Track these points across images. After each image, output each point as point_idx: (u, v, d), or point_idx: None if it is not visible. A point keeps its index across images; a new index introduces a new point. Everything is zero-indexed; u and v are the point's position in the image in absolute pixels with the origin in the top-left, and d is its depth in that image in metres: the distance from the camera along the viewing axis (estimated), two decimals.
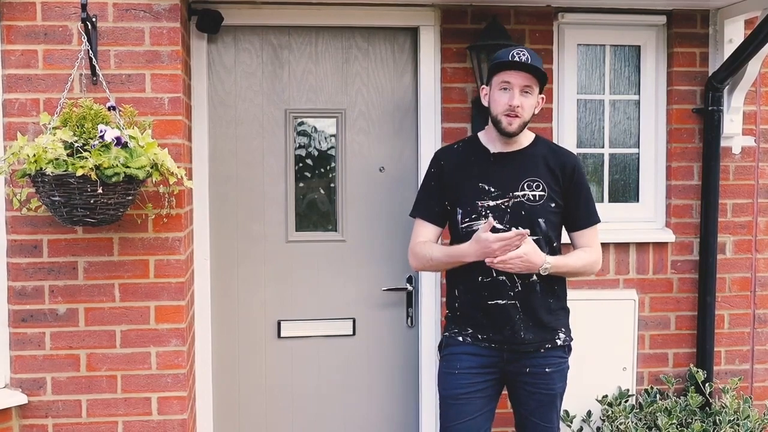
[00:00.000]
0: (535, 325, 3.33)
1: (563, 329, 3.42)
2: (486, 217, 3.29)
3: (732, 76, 4.14)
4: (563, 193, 3.36)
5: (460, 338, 3.42)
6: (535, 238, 3.27)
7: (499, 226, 3.26)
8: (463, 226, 3.37)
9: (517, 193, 3.31)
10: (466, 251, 3.28)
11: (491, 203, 3.31)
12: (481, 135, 3.49)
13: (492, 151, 3.40)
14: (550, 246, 3.35)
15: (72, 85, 3.46)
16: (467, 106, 4.14)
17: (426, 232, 3.49)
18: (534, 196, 3.31)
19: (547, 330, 3.36)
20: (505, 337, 3.33)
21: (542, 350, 3.36)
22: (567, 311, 3.49)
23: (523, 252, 3.16)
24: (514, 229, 3.18)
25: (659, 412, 4.06)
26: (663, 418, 3.97)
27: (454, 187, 3.41)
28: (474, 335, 3.38)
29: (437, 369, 3.62)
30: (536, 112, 3.37)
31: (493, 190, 3.32)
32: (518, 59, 3.21)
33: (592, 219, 3.45)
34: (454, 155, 3.50)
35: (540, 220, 3.31)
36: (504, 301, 3.31)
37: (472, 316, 3.38)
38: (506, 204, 3.30)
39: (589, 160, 4.38)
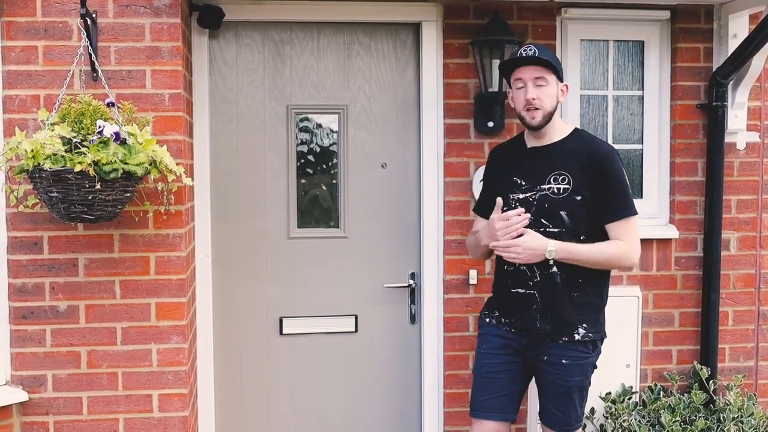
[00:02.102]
0: (553, 316, 3.33)
1: (585, 325, 3.35)
2: (515, 209, 3.36)
3: (736, 71, 4.12)
4: (591, 185, 3.30)
5: (487, 320, 3.57)
6: (556, 230, 3.29)
7: None
8: None
9: (543, 186, 3.33)
10: (481, 234, 3.48)
11: (521, 196, 3.38)
12: (525, 132, 3.53)
13: (528, 146, 3.46)
14: (577, 240, 3.31)
15: (72, 81, 3.45)
16: (470, 101, 4.12)
17: (479, 226, 3.63)
18: (558, 189, 3.31)
19: (566, 323, 3.34)
20: (523, 325, 3.41)
21: (560, 341, 3.35)
22: (596, 307, 3.41)
23: (521, 240, 3.25)
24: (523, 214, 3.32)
25: (663, 409, 4.05)
26: (666, 415, 3.96)
27: (497, 182, 3.53)
28: (498, 318, 3.51)
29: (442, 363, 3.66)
30: (562, 101, 3.38)
31: (524, 183, 3.39)
32: (525, 54, 3.28)
33: (621, 212, 3.33)
34: (501, 152, 3.64)
35: (562, 213, 3.30)
36: (523, 290, 3.38)
37: (499, 301, 3.53)
38: (533, 197, 3.34)
39: None
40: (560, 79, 3.36)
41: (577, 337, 3.35)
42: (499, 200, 3.37)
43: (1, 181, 3.46)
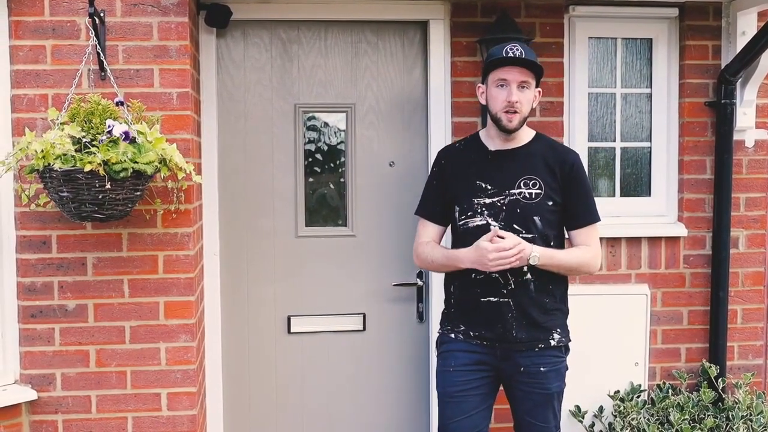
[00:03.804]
0: (528, 324, 3.30)
1: (558, 330, 3.37)
2: (482, 214, 3.30)
3: (745, 68, 4.10)
4: (561, 191, 3.32)
5: (452, 335, 3.44)
6: (529, 236, 3.26)
7: (493, 223, 3.26)
8: (460, 223, 3.38)
9: (513, 191, 3.29)
10: (463, 257, 3.30)
11: (487, 200, 3.30)
12: (482, 133, 3.50)
13: (491, 149, 3.40)
14: (547, 245, 3.31)
15: (80, 80, 3.45)
16: (477, 100, 4.10)
17: (428, 231, 3.54)
18: (530, 194, 3.28)
19: (541, 329, 3.32)
20: (497, 335, 3.32)
21: (536, 349, 3.32)
22: (564, 312, 3.44)
23: (514, 243, 3.16)
24: (511, 235, 3.20)
25: (671, 407, 4.04)
26: (675, 413, 3.95)
27: (454, 185, 3.42)
28: (466, 332, 3.39)
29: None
30: (534, 106, 3.36)
31: (489, 187, 3.32)
32: (512, 55, 3.21)
33: (590, 217, 3.38)
34: (456, 154, 3.52)
35: (535, 218, 3.28)
36: (497, 299, 3.30)
37: (465, 313, 3.39)
38: (502, 201, 3.29)
39: (600, 154, 4.35)
40: (538, 84, 3.33)
41: (552, 342, 3.34)
42: (495, 230, 3.21)
43: (10, 181, 3.47)
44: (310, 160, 4.24)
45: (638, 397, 4.16)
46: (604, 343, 4.11)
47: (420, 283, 4.25)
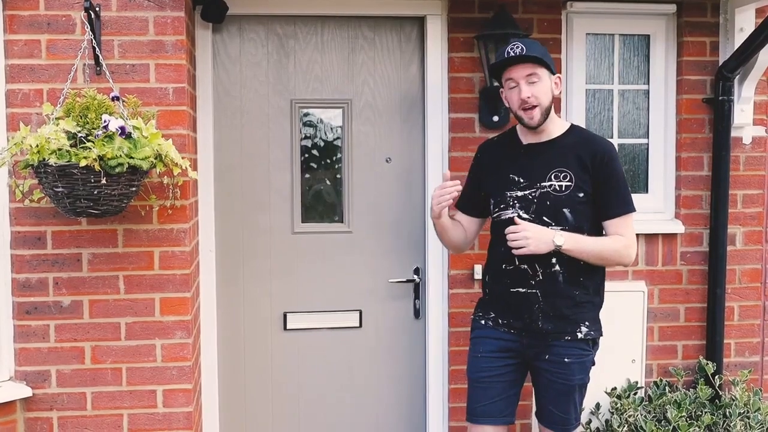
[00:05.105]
0: (555, 315, 3.30)
1: (587, 322, 3.35)
2: (513, 207, 3.33)
3: (743, 65, 4.10)
4: (593, 182, 3.29)
5: (483, 322, 3.49)
6: (560, 228, 3.26)
7: (525, 216, 3.28)
8: (494, 215, 3.44)
9: (543, 184, 3.29)
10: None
11: (519, 193, 3.33)
12: (518, 127, 3.49)
13: (524, 143, 3.42)
14: None
15: (75, 75, 3.42)
16: (475, 96, 4.10)
17: (462, 221, 3.60)
18: (560, 186, 3.27)
19: (568, 322, 3.32)
20: (524, 325, 3.35)
21: (563, 340, 3.33)
22: (596, 305, 3.42)
23: (529, 225, 3.22)
24: (525, 223, 3.24)
25: (668, 404, 4.04)
26: (672, 410, 3.95)
27: (489, 178, 3.47)
28: (495, 319, 3.43)
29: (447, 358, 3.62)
30: (556, 93, 3.33)
31: (522, 180, 3.33)
32: (513, 53, 3.22)
33: (622, 208, 3.33)
34: (492, 147, 3.57)
35: (565, 210, 3.27)
36: (525, 290, 3.32)
37: (496, 302, 3.44)
38: (533, 194, 3.30)
39: None
40: (552, 72, 3.32)
41: (579, 335, 3.34)
42: (446, 172, 3.39)
43: (5, 177, 3.45)
44: (307, 156, 4.22)
45: (635, 394, 4.16)
46: (601, 340, 4.09)
47: (417, 279, 4.25)
